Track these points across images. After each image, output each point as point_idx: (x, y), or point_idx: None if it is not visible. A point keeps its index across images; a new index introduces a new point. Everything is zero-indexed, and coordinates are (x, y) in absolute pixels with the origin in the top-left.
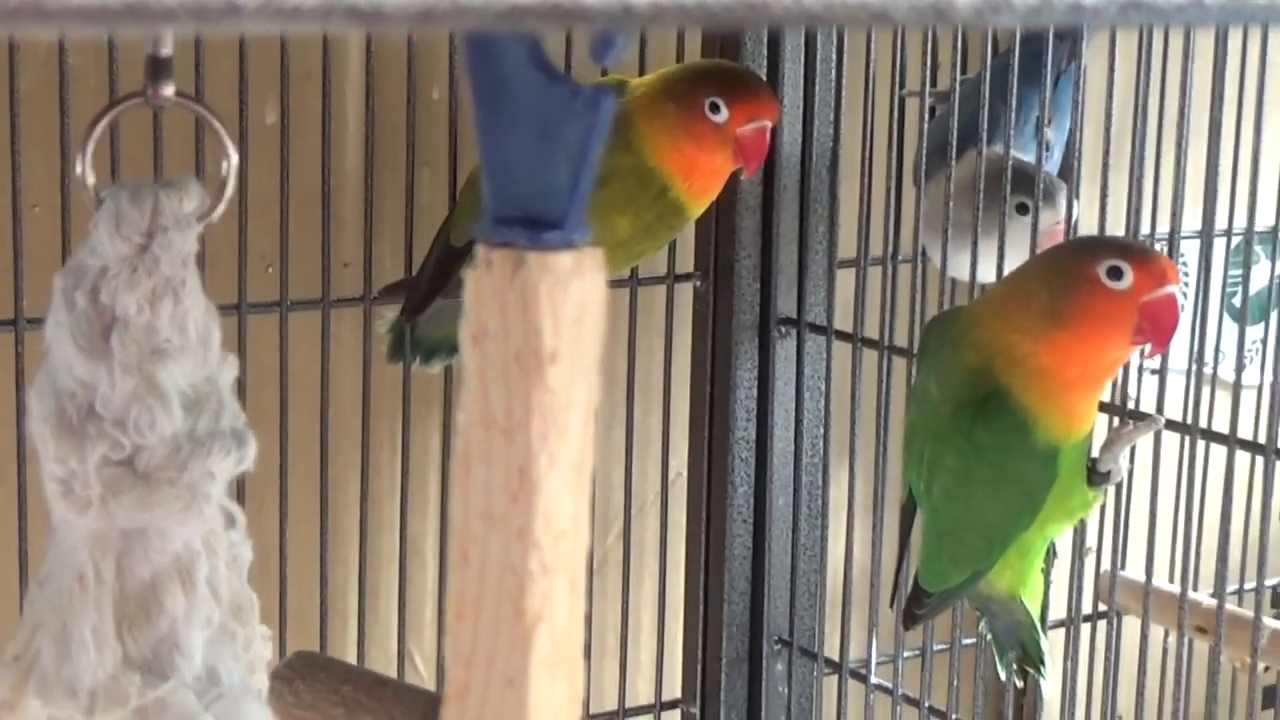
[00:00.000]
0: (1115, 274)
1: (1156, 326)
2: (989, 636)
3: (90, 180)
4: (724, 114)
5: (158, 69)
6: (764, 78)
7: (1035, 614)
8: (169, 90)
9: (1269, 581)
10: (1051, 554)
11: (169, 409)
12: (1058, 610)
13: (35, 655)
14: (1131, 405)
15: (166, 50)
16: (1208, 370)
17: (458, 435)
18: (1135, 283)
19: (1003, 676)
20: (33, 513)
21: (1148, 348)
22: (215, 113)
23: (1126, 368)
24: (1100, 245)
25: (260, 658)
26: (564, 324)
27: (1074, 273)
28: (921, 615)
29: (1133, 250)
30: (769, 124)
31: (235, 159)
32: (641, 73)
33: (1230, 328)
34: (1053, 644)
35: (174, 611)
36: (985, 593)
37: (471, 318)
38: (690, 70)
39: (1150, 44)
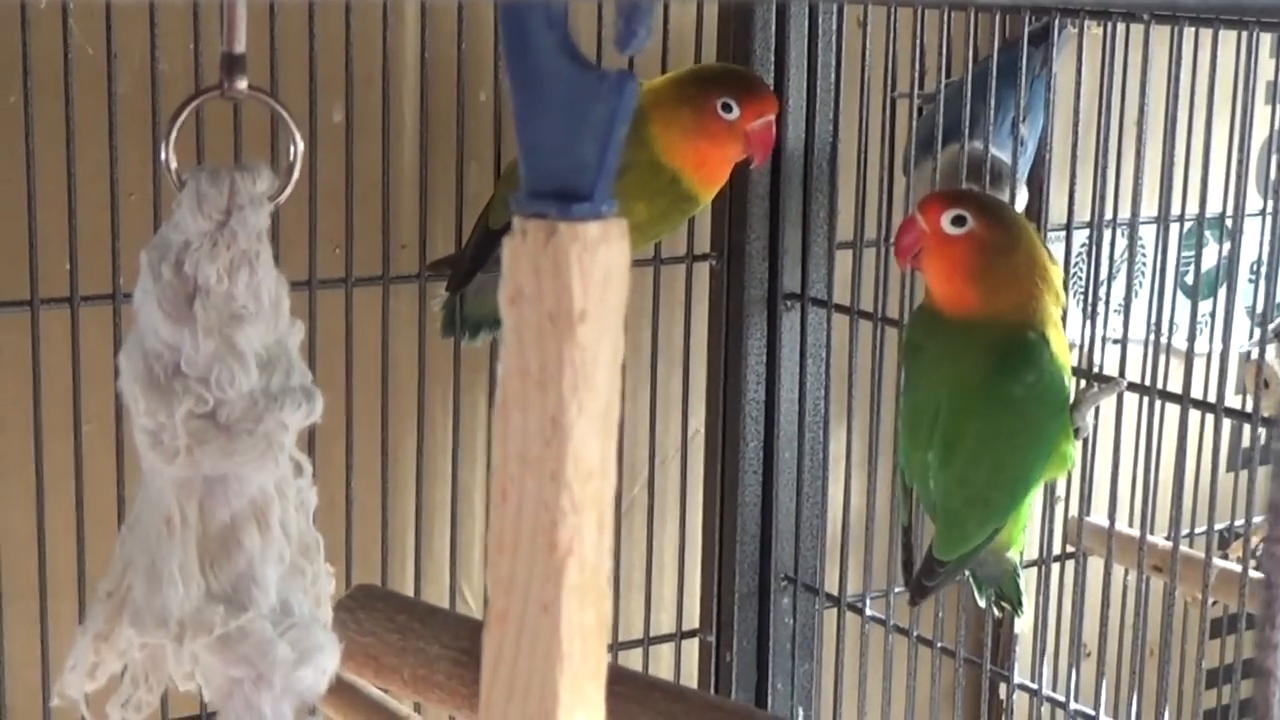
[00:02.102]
0: None
1: None
2: (969, 575)
3: (174, 165)
4: (736, 112)
5: (232, 65)
6: (770, 81)
7: (1018, 563)
8: (243, 84)
9: (1218, 525)
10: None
11: (246, 368)
12: (1030, 552)
13: (128, 590)
14: (1097, 370)
15: (240, 48)
16: (1164, 340)
17: (498, 387)
18: None
19: (981, 604)
20: (129, 465)
21: None
22: (284, 104)
23: (1092, 339)
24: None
25: (326, 592)
26: (592, 286)
27: (1021, 231)
28: (934, 586)
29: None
30: (773, 119)
31: (301, 146)
32: (664, 73)
33: (1184, 303)
34: (1026, 581)
35: (251, 550)
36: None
37: (509, 281)
38: (698, 75)
39: (1113, 49)
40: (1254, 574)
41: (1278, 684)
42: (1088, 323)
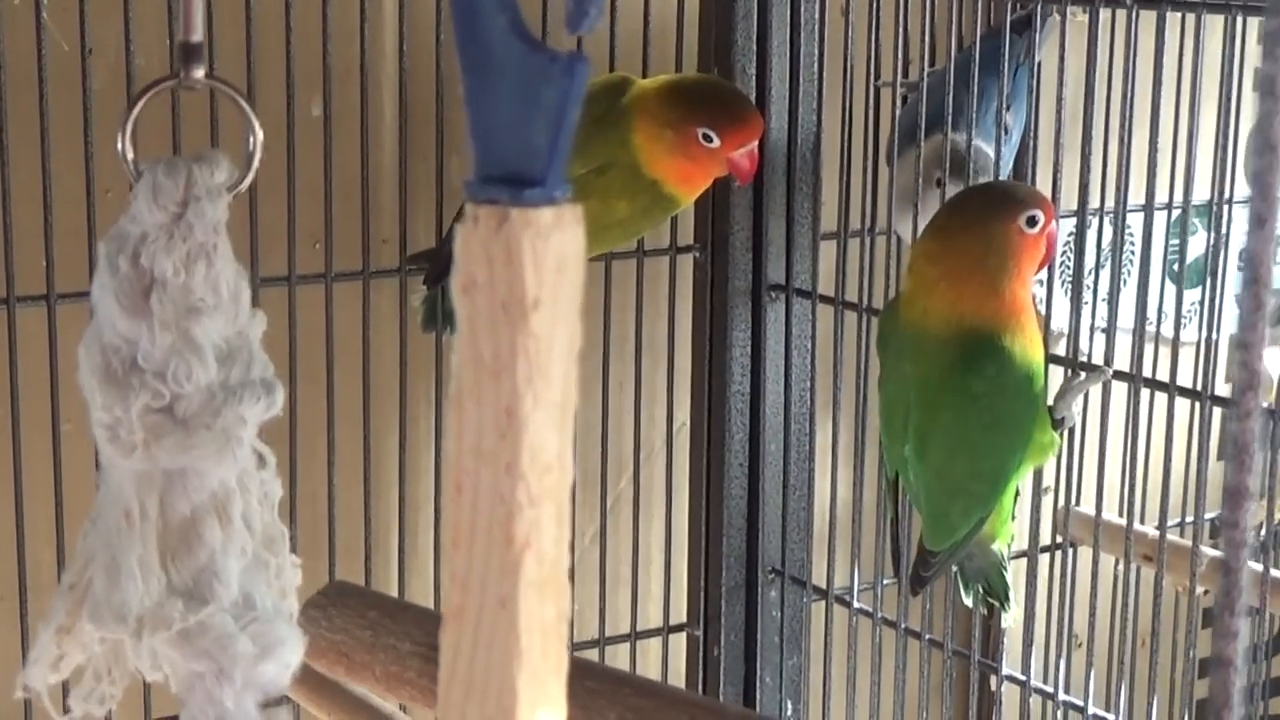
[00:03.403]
0: (1032, 222)
1: (1050, 253)
2: (956, 571)
3: (130, 156)
4: (716, 143)
5: (189, 53)
6: (754, 72)
7: (1004, 555)
8: (199, 73)
9: (1209, 514)
10: (1016, 492)
11: (204, 361)
12: (1019, 543)
13: (88, 584)
14: (1084, 359)
15: (197, 37)
16: (1150, 328)
17: (451, 378)
18: (1044, 223)
19: (968, 604)
20: None
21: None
22: (240, 92)
23: (1078, 327)
24: (1005, 200)
25: (290, 584)
26: (546, 273)
27: (1001, 231)
28: (929, 576)
29: (1035, 197)
30: (755, 144)
31: (260, 135)
32: (645, 72)
33: (1172, 291)
34: (1015, 572)
35: (212, 543)
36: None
37: (461, 269)
38: (684, 93)
39: (1097, 36)
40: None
41: (1237, 672)
42: (1073, 311)
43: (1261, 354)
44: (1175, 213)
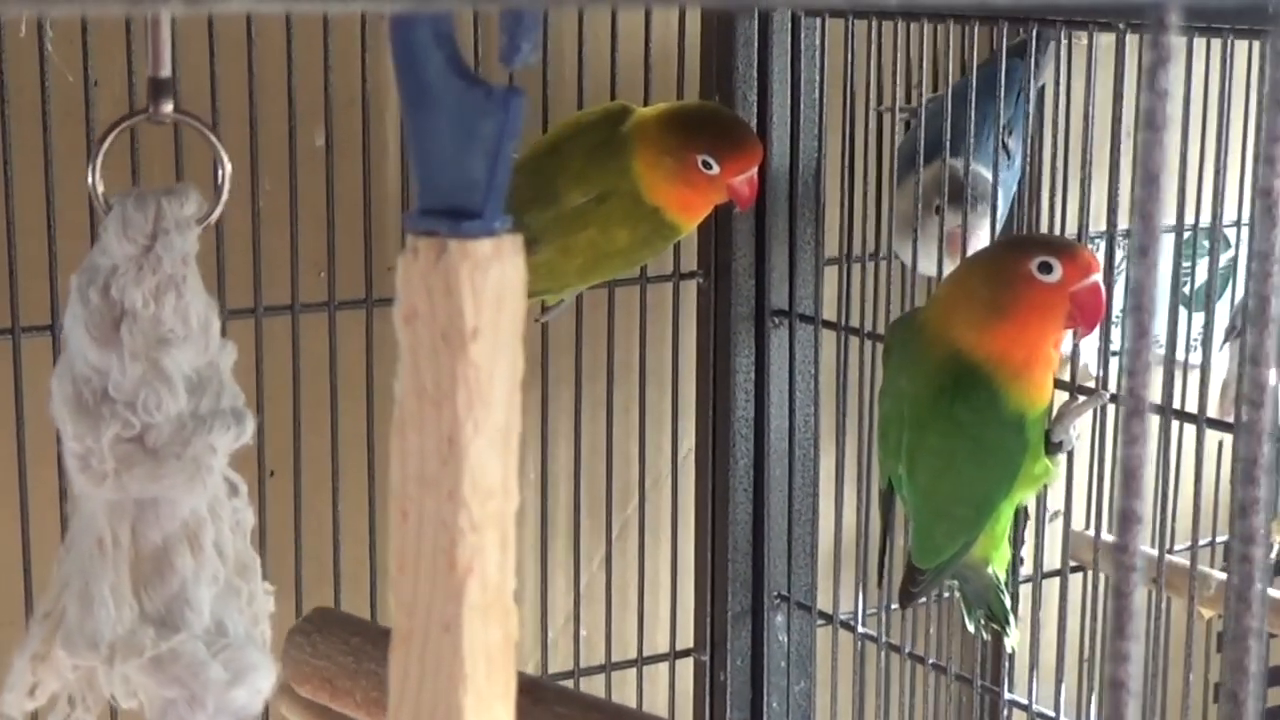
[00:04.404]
0: (1045, 269)
1: (1086, 312)
2: (959, 597)
3: (100, 189)
4: (716, 170)
5: (158, 89)
6: (755, 98)
7: (1002, 578)
8: (168, 107)
9: (1218, 539)
10: (1024, 517)
11: (174, 391)
12: (1025, 567)
13: (62, 612)
14: (1098, 385)
15: (165, 72)
16: (1160, 352)
17: (395, 407)
18: (1064, 275)
19: (971, 630)
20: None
21: (1079, 330)
22: (208, 125)
23: (1076, 350)
24: (1029, 243)
25: (263, 611)
26: (485, 304)
27: (1009, 270)
28: (917, 592)
29: (1058, 246)
30: (755, 170)
31: (229, 168)
32: (646, 99)
33: (1184, 315)
34: (1020, 596)
35: (184, 571)
36: (963, 560)
37: (403, 300)
38: (684, 120)
39: (1095, 59)
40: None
41: (1130, 695)
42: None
43: (1147, 382)
44: (1186, 235)
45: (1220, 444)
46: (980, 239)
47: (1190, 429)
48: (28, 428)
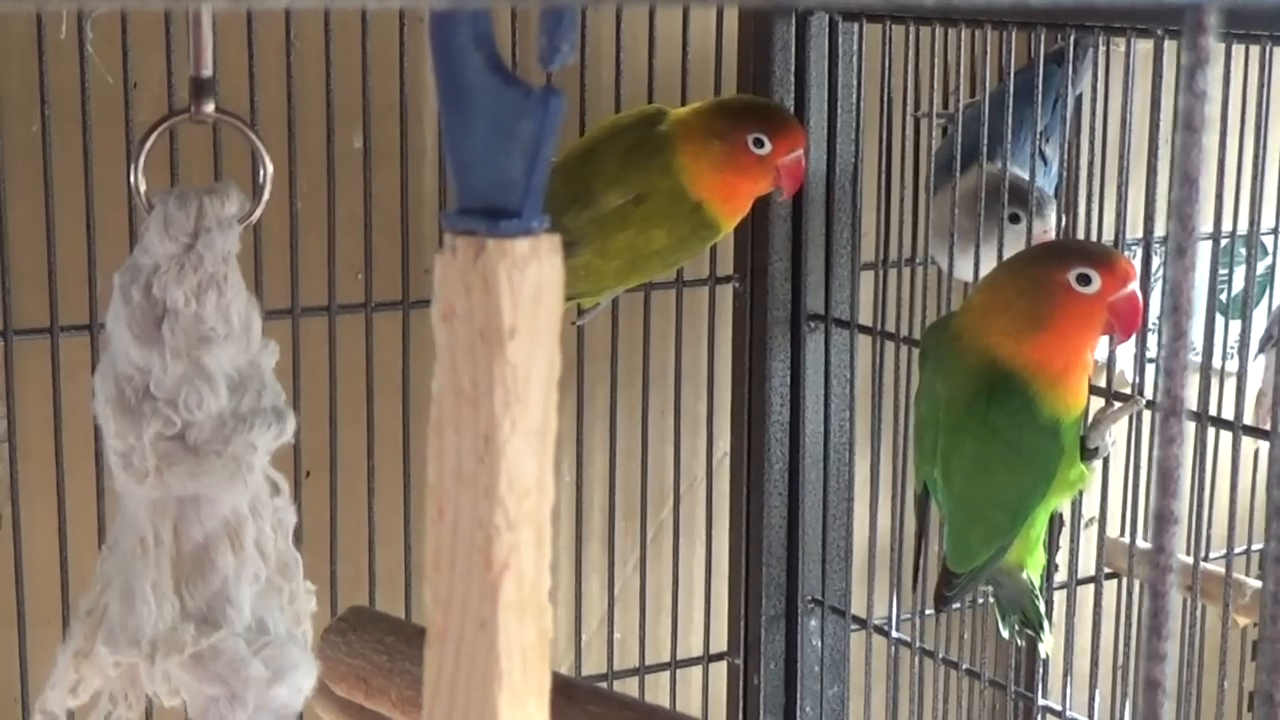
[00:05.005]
0: (1084, 280)
1: (1123, 321)
2: (993, 602)
3: (143, 188)
4: (768, 147)
5: (200, 88)
6: (791, 103)
7: (1037, 583)
8: (210, 107)
9: (1256, 546)
10: (1059, 523)
11: (215, 389)
12: (1060, 574)
13: (104, 609)
14: (1134, 391)
15: (207, 71)
16: (1195, 359)
17: (432, 404)
18: (1103, 286)
19: (1005, 636)
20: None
21: (1116, 336)
22: (247, 124)
23: (1112, 356)
24: (1066, 253)
25: (304, 610)
26: (522, 303)
27: (1047, 281)
28: (951, 596)
29: (1096, 255)
30: (802, 152)
31: (271, 168)
32: (683, 102)
33: (1221, 322)
34: (1055, 602)
35: (225, 569)
36: (998, 565)
37: (441, 298)
38: (728, 107)
39: (1133, 67)
40: None
41: (1165, 695)
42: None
43: (1184, 382)
44: (1224, 243)
45: (1256, 451)
46: None
47: (1226, 435)
48: (65, 426)
